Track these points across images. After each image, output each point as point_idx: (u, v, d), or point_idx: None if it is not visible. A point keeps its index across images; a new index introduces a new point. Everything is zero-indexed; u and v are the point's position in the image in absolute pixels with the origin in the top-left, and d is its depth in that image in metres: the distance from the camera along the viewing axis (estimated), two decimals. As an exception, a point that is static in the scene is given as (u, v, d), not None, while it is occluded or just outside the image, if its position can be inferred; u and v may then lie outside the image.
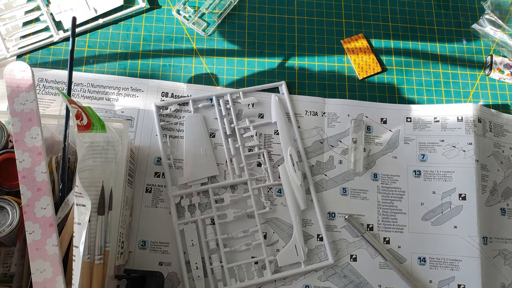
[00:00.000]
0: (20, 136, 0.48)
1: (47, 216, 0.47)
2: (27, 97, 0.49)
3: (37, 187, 0.47)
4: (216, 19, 0.73)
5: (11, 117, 0.49)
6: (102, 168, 0.50)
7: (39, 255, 0.46)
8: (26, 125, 0.49)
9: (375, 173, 0.66)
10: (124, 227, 0.57)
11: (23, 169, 0.48)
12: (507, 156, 0.69)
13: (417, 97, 0.71)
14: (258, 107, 0.68)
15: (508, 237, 0.65)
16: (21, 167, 0.48)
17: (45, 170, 0.48)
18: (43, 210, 0.47)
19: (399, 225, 0.64)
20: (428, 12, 0.77)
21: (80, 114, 0.48)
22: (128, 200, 0.59)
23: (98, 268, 0.49)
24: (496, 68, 0.73)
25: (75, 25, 0.54)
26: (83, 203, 0.46)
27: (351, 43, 0.73)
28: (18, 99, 0.49)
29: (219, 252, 0.61)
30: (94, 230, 0.50)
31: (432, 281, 0.62)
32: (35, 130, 0.49)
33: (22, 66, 0.50)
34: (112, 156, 0.53)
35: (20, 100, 0.49)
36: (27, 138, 0.48)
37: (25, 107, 0.49)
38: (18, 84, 0.49)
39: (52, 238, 0.46)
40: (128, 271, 0.57)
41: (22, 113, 0.49)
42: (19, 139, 0.48)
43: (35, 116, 0.49)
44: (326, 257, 0.62)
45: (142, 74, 0.69)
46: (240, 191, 0.64)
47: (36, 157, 0.48)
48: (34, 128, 0.49)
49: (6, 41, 0.68)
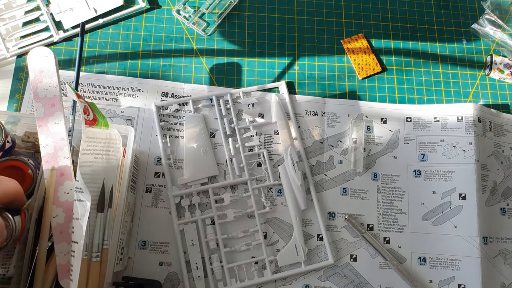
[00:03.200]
0: (43, 121, 0.49)
1: (70, 201, 0.48)
2: (50, 83, 0.49)
3: (60, 171, 0.48)
4: (216, 19, 0.73)
5: (34, 102, 0.49)
6: (103, 165, 0.50)
7: (63, 238, 0.47)
8: (49, 111, 0.49)
9: (375, 173, 0.66)
10: (125, 233, 0.57)
11: (46, 154, 0.48)
12: (507, 156, 0.69)
13: (417, 97, 0.71)
14: (258, 107, 0.68)
15: (508, 237, 0.65)
16: (45, 152, 0.48)
17: (68, 156, 0.48)
18: (66, 194, 0.48)
19: (399, 225, 0.64)
20: (428, 12, 0.77)
21: (87, 109, 0.49)
22: (130, 206, 0.59)
23: (95, 266, 0.49)
24: (496, 68, 0.73)
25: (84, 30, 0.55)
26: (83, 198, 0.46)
27: (351, 43, 0.73)
28: (41, 84, 0.49)
29: (219, 252, 0.61)
30: (93, 227, 0.50)
31: (432, 281, 0.62)
32: (58, 115, 0.49)
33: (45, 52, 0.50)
34: (113, 153, 0.53)
35: (44, 86, 0.49)
36: (50, 123, 0.49)
37: (48, 92, 0.49)
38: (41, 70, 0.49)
39: None
40: (126, 279, 0.57)
41: (45, 99, 0.49)
42: (43, 125, 0.49)
43: (58, 101, 0.49)
44: (326, 257, 0.62)
45: (142, 74, 0.69)
46: (240, 191, 0.64)
47: (59, 142, 0.48)
48: (58, 113, 0.49)
49: (6, 41, 0.68)
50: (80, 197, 0.46)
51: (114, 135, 0.53)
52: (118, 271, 0.56)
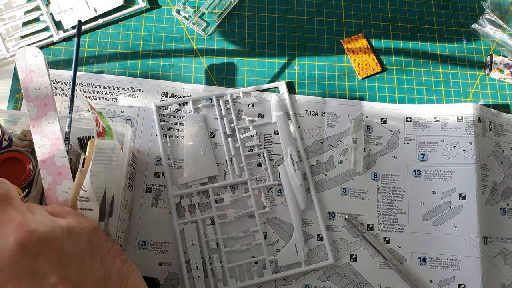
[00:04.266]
0: (37, 121, 0.48)
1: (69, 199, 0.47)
2: (41, 83, 0.49)
3: (57, 171, 0.47)
4: (216, 19, 0.73)
5: (26, 102, 0.48)
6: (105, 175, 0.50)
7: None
8: (42, 111, 0.48)
9: (375, 173, 0.66)
10: (122, 231, 0.56)
11: (42, 154, 0.48)
12: (507, 155, 0.69)
13: (417, 97, 0.71)
14: (258, 107, 0.68)
15: (508, 236, 0.65)
16: (40, 152, 0.48)
17: (64, 155, 0.48)
18: (65, 193, 0.47)
19: (399, 225, 0.64)
20: (428, 12, 0.77)
21: (98, 120, 0.48)
22: (128, 204, 0.59)
23: None
24: (496, 68, 0.73)
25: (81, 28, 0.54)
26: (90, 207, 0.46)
27: (351, 43, 0.73)
28: (32, 84, 0.49)
29: (219, 252, 0.61)
30: None
31: (432, 281, 0.62)
32: (51, 115, 0.49)
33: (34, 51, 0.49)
34: (115, 163, 0.53)
35: (35, 86, 0.49)
36: (44, 123, 0.48)
37: (40, 92, 0.49)
38: (31, 70, 0.49)
39: None
40: None
41: (38, 99, 0.49)
42: (36, 125, 0.48)
43: (50, 101, 0.49)
44: (326, 257, 0.62)
45: (142, 74, 0.69)
46: (240, 191, 0.64)
47: (54, 142, 0.48)
48: (51, 113, 0.49)
49: (6, 41, 0.68)
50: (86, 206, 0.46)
51: (116, 144, 0.53)
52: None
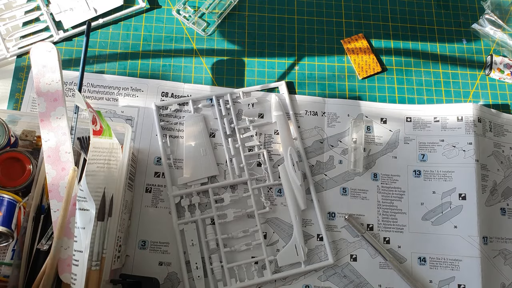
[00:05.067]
0: (45, 116, 0.49)
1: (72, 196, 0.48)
2: (53, 78, 0.49)
3: (61, 166, 0.48)
4: (216, 19, 0.73)
5: (36, 97, 0.49)
6: (104, 174, 0.50)
7: (64, 233, 0.47)
8: (52, 105, 0.49)
9: (375, 173, 0.66)
10: (122, 230, 0.56)
11: (48, 148, 0.48)
12: (507, 156, 0.69)
13: (417, 97, 0.71)
14: (258, 107, 0.68)
15: (508, 237, 0.65)
16: (46, 146, 0.48)
17: (69, 150, 0.48)
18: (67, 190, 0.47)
19: (399, 225, 0.64)
20: (428, 12, 0.77)
21: (95, 118, 0.49)
22: (128, 204, 0.59)
23: (94, 274, 0.49)
24: (496, 68, 0.73)
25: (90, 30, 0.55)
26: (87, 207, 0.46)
27: (351, 43, 0.73)
28: (43, 79, 0.49)
29: (219, 252, 0.61)
30: (93, 236, 0.49)
31: (432, 281, 0.62)
32: (60, 110, 0.49)
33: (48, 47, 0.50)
34: (114, 163, 0.53)
35: (46, 80, 0.49)
36: (52, 118, 0.49)
37: (51, 87, 0.49)
38: (44, 64, 0.49)
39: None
40: (124, 276, 0.56)
41: (48, 94, 0.49)
42: (45, 119, 0.49)
43: (60, 96, 0.49)
44: (326, 257, 0.62)
45: (142, 74, 0.69)
46: (240, 191, 0.64)
47: (61, 137, 0.48)
48: (60, 108, 0.49)
49: (6, 41, 0.68)
50: (84, 206, 0.46)
51: (115, 144, 0.53)
52: (116, 269, 0.56)
